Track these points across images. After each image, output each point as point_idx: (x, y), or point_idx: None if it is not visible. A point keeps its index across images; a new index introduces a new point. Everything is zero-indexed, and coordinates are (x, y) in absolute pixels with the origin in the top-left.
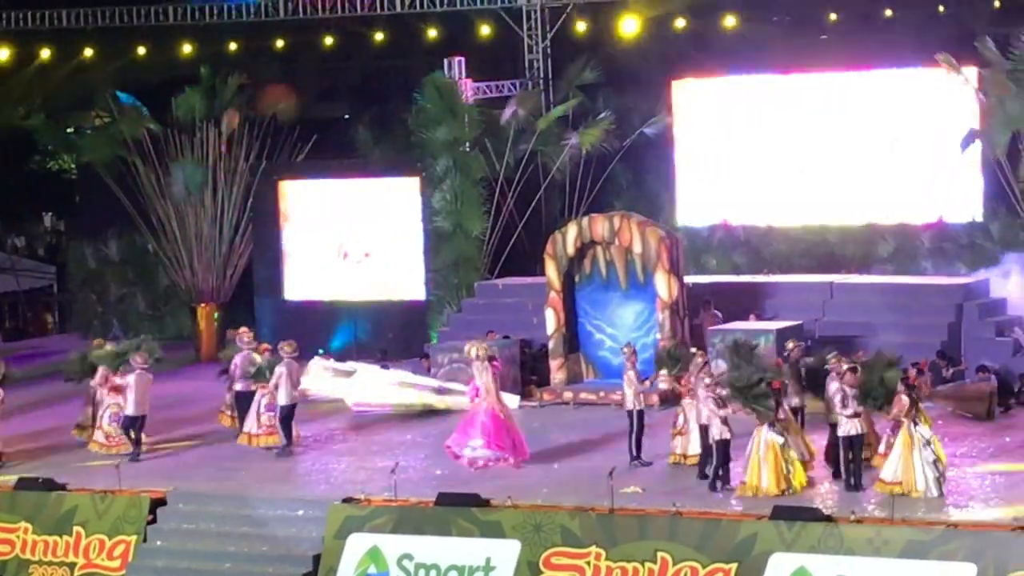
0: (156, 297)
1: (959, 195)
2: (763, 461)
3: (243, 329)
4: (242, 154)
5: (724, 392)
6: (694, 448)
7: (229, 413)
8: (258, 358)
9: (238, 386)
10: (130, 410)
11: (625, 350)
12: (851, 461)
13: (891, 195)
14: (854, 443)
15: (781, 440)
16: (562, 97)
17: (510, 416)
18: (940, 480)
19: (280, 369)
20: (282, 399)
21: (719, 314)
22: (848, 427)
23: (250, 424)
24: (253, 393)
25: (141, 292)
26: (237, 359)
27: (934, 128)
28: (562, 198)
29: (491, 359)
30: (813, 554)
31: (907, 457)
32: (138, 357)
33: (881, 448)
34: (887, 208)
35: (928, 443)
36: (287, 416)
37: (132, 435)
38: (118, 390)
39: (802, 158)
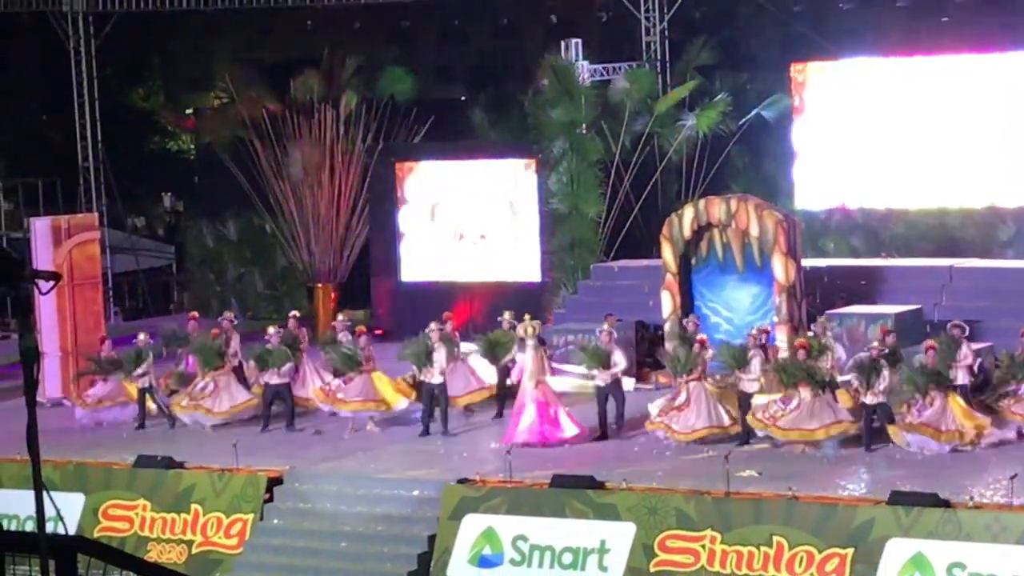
0: (273, 277)
1: None
2: None
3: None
4: (359, 135)
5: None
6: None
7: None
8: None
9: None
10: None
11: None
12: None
13: (1012, 178)
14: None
15: None
16: (679, 79)
17: (554, 399)
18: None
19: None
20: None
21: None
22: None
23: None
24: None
25: (259, 272)
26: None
27: None
28: (678, 180)
29: (542, 342)
30: (931, 540)
31: None
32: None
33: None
34: (1008, 191)
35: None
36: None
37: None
38: None
39: (922, 141)
